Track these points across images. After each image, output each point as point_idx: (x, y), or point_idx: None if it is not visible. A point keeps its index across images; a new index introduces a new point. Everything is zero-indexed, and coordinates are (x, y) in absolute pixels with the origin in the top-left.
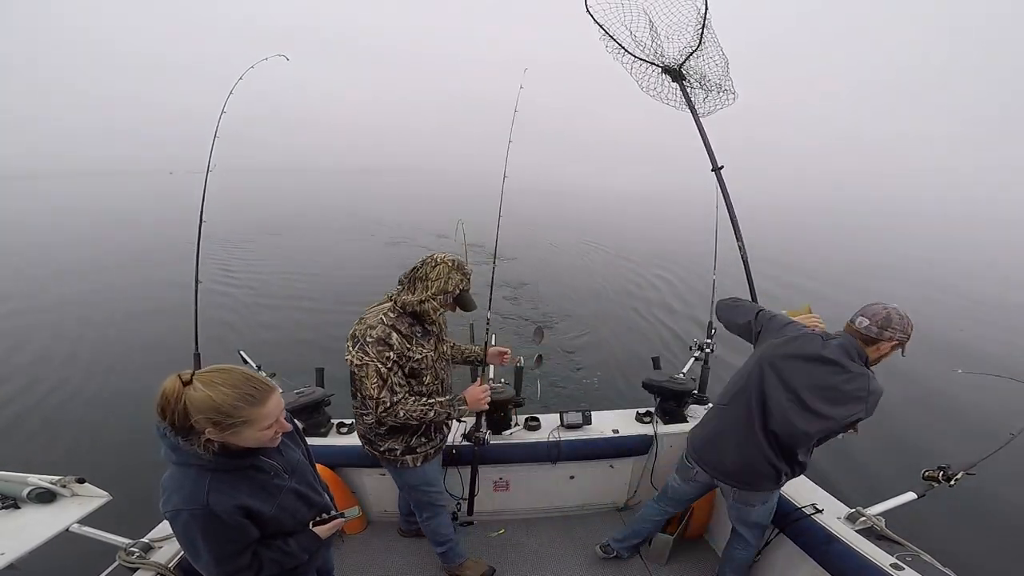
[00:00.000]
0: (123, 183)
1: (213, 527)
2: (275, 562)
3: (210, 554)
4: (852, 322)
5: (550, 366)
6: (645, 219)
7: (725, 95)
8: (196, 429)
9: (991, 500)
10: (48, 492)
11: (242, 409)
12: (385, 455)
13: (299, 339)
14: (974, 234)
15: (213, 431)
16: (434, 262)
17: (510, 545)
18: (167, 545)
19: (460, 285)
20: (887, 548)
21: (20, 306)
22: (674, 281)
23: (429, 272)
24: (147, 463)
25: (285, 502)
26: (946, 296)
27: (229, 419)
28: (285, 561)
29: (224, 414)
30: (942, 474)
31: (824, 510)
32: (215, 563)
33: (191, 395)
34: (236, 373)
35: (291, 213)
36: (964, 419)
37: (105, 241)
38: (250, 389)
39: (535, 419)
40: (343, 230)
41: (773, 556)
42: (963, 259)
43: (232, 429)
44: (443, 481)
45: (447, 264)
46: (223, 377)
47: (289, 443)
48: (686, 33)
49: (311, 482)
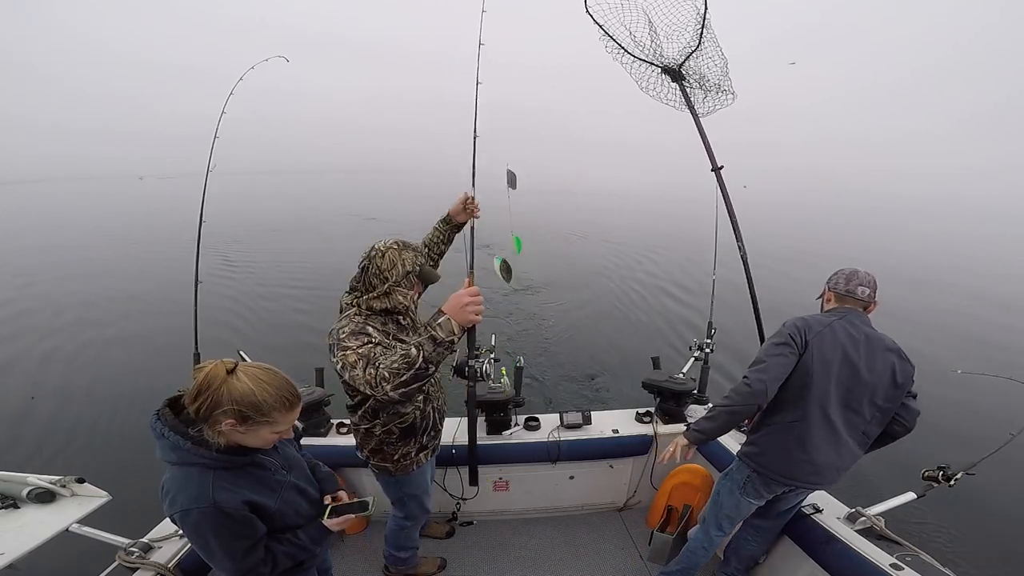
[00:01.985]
0: (91, 187)
1: (223, 524)
2: (288, 555)
3: (223, 551)
4: (853, 294)
5: (551, 366)
6: (644, 217)
7: (724, 95)
8: (214, 419)
9: (992, 500)
10: (48, 492)
11: (275, 411)
12: (399, 462)
13: (299, 340)
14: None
15: (234, 424)
16: (380, 253)
17: (510, 545)
18: (167, 545)
19: (416, 261)
20: (887, 548)
21: (20, 307)
22: (674, 281)
23: (380, 264)
24: (146, 463)
25: (287, 497)
26: (951, 295)
27: (259, 416)
28: (297, 554)
29: (257, 410)
30: (942, 474)
31: (824, 510)
32: (230, 560)
33: (233, 384)
34: (279, 376)
35: (291, 213)
36: (968, 419)
37: (104, 242)
38: (288, 395)
39: (535, 419)
40: (342, 229)
41: (773, 556)
42: (973, 255)
43: (254, 426)
44: (443, 481)
45: (393, 248)
46: (268, 376)
47: (284, 440)
48: (685, 33)
49: (308, 476)
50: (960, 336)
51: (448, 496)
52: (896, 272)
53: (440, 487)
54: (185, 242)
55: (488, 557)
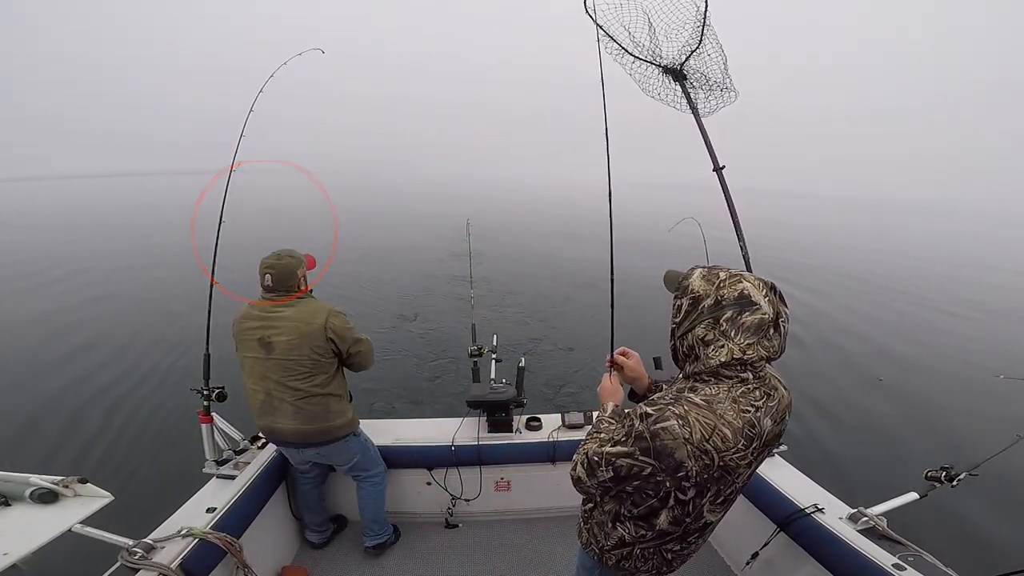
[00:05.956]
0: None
1: None
2: None
3: None
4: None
5: (549, 366)
6: (643, 216)
7: (726, 93)
8: None
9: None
10: (50, 492)
11: None
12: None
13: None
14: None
15: None
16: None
17: (511, 545)
18: (169, 545)
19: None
20: (889, 548)
21: (20, 309)
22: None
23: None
24: (149, 464)
25: None
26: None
27: None
28: None
29: None
30: (945, 474)
31: (826, 510)
32: None
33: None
34: None
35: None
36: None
37: (107, 243)
38: None
39: (536, 419)
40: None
41: (774, 555)
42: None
43: None
44: (443, 480)
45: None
46: None
47: None
48: (685, 32)
49: None
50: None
51: (447, 495)
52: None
53: (440, 487)
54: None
55: (490, 557)
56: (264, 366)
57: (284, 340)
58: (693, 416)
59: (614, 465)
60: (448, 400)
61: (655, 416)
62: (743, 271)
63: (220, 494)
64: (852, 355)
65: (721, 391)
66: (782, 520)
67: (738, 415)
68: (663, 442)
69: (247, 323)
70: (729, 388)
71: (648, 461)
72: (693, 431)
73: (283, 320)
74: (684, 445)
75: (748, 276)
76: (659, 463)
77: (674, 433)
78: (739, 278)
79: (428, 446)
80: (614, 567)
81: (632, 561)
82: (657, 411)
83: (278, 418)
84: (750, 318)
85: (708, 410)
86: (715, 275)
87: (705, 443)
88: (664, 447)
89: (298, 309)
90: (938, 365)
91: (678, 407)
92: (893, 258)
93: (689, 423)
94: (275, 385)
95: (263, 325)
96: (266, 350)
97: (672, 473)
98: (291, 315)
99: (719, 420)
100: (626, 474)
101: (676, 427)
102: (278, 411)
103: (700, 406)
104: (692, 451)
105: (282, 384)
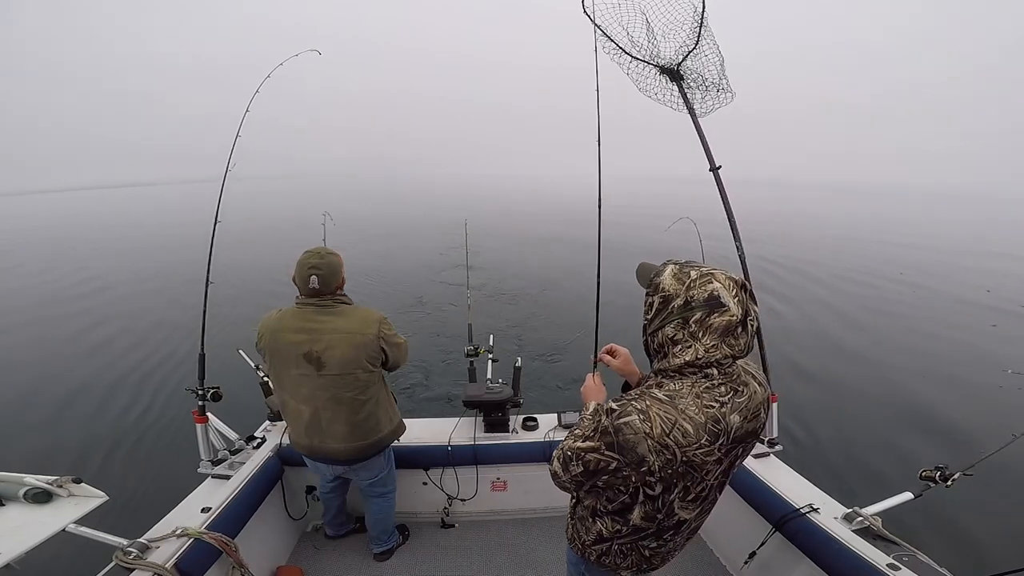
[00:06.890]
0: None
1: None
2: None
3: None
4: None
5: (547, 366)
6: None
7: (722, 94)
8: None
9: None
10: (44, 492)
11: None
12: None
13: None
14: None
15: None
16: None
17: (507, 544)
18: (164, 545)
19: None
20: (884, 548)
21: (21, 311)
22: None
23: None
24: (143, 464)
25: None
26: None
27: None
28: None
29: None
30: (939, 474)
31: (821, 510)
32: None
33: None
34: None
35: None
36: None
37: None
38: None
39: (532, 419)
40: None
41: (769, 555)
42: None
43: None
44: (440, 480)
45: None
46: None
47: None
48: (682, 32)
49: None
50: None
51: (443, 495)
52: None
53: (436, 487)
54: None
55: (486, 557)
56: (314, 384)
57: (338, 355)
58: (654, 411)
59: (583, 459)
60: (444, 400)
61: (618, 411)
62: (714, 269)
63: (215, 494)
64: (852, 355)
65: (684, 387)
66: (777, 520)
67: (700, 410)
68: (625, 436)
69: (286, 336)
70: (693, 384)
71: (613, 456)
72: (653, 426)
73: (332, 332)
74: (645, 439)
75: (719, 275)
76: (623, 457)
77: (635, 428)
78: (710, 277)
79: (424, 446)
80: (596, 562)
81: (612, 557)
82: (620, 406)
83: (328, 438)
84: (718, 320)
85: (670, 405)
86: (686, 274)
87: (665, 437)
88: (627, 441)
89: (347, 319)
90: (947, 353)
91: (640, 402)
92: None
93: (650, 418)
94: (326, 403)
95: (308, 339)
96: (315, 366)
97: (636, 468)
98: (341, 326)
99: (680, 415)
100: (595, 468)
101: (637, 422)
102: (328, 431)
103: (662, 401)
104: (653, 445)
105: (336, 400)
